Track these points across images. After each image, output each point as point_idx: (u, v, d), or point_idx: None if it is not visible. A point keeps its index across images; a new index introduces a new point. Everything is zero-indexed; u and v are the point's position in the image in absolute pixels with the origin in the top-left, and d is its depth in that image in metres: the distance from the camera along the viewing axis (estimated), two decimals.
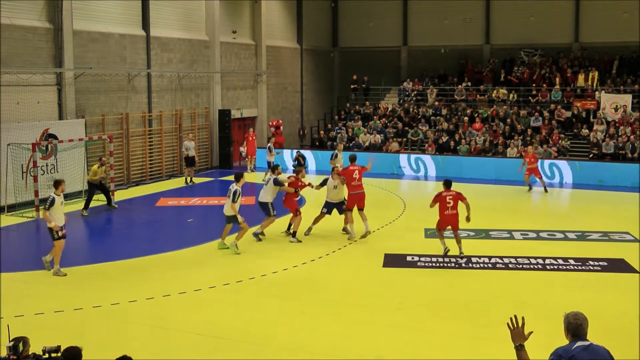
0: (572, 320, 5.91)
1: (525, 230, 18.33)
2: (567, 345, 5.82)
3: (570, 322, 5.91)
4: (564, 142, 29.32)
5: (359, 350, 10.19)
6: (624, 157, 27.61)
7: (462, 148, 29.85)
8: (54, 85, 23.04)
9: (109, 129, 24.92)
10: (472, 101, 34.16)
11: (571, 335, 5.90)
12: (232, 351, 10.20)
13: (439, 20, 37.85)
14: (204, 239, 17.36)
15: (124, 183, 25.53)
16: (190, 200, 23.14)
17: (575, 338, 5.86)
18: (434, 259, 15.44)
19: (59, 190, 14.31)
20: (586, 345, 5.79)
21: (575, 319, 5.91)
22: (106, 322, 11.43)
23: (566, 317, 5.97)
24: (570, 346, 5.79)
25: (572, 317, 5.93)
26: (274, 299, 12.63)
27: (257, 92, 34.16)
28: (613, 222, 19.59)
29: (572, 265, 14.92)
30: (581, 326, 5.88)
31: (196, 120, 29.77)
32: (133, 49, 26.31)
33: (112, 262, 15.26)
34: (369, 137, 31.93)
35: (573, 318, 5.92)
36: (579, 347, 5.76)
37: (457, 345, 10.50)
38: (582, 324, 5.89)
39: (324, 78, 40.56)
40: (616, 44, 34.26)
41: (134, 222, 20.60)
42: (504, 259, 15.38)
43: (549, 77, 33.92)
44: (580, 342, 5.81)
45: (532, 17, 35.80)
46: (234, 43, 32.16)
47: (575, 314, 5.97)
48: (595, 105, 31.16)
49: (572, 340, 5.86)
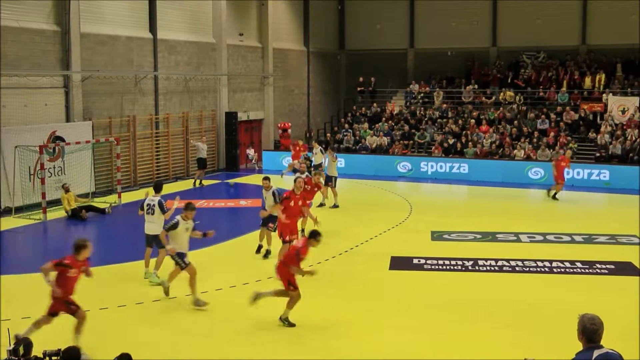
0: (588, 325, 5.71)
1: (532, 233, 18.28)
2: (584, 355, 5.63)
3: (586, 327, 5.71)
4: (572, 144, 29.23)
5: (366, 354, 10.17)
6: (631, 160, 27.52)
7: (468, 151, 29.81)
8: (62, 87, 23.12)
9: (116, 132, 24.99)
10: (479, 104, 34.11)
11: (586, 340, 5.71)
12: (238, 352, 10.21)
13: (446, 23, 37.78)
14: (210, 241, 17.30)
15: (130, 185, 25.58)
16: (196, 203, 23.07)
17: (590, 344, 5.68)
18: (440, 262, 15.41)
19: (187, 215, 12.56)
20: (604, 354, 5.60)
21: (591, 324, 5.71)
22: (114, 323, 11.44)
23: (581, 320, 5.77)
24: (587, 356, 5.60)
25: (589, 322, 5.72)
26: (281, 302, 12.62)
27: (263, 95, 34.19)
28: (620, 225, 19.52)
29: (579, 268, 14.88)
30: (597, 332, 5.68)
31: (203, 123, 29.81)
32: (140, 51, 26.38)
33: (117, 265, 15.30)
34: (375, 139, 31.92)
35: (589, 322, 5.72)
36: (598, 358, 5.58)
37: (463, 347, 10.47)
38: (598, 330, 5.69)
39: (331, 80, 40.56)
40: (623, 46, 34.11)
41: (137, 224, 20.57)
42: (510, 262, 15.34)
43: (556, 79, 33.84)
44: (597, 350, 5.62)
45: (539, 19, 35.72)
46: (240, 45, 32.20)
47: (592, 317, 5.76)
48: (602, 108, 31.08)
49: (589, 348, 5.66)
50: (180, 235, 12.34)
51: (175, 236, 12.33)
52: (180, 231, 12.34)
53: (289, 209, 14.53)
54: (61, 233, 19.48)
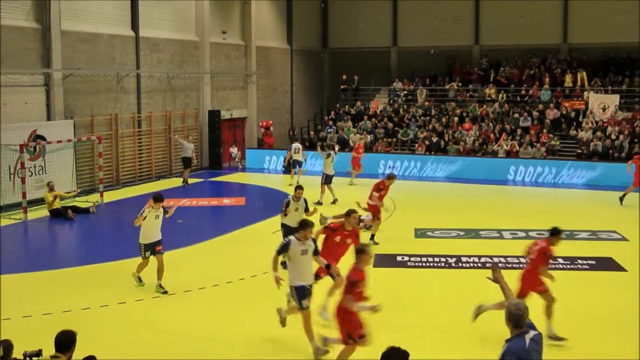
0: (514, 311, 5.96)
1: (515, 230, 18.38)
2: (518, 341, 5.88)
3: (512, 313, 5.97)
4: (554, 141, 29.44)
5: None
6: (612, 157, 27.77)
7: (451, 148, 29.93)
8: (42, 86, 22.93)
9: (98, 130, 24.82)
10: (462, 101, 34.23)
11: (513, 326, 5.96)
12: (217, 352, 10.18)
13: (429, 21, 37.90)
14: (193, 240, 17.28)
15: (113, 184, 25.44)
16: (180, 202, 23.05)
17: (518, 329, 5.93)
18: (424, 259, 15.46)
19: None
20: (532, 337, 5.91)
21: (517, 309, 5.96)
22: (95, 324, 11.37)
23: (508, 308, 6.03)
24: (522, 343, 5.86)
25: (514, 308, 5.99)
26: (263, 300, 12.61)
27: (247, 93, 34.12)
28: (601, 221, 19.69)
29: (560, 264, 14.96)
30: (522, 317, 5.94)
31: (186, 121, 29.70)
32: (122, 49, 26.23)
33: (100, 264, 15.20)
34: (359, 137, 31.95)
35: (515, 308, 5.98)
36: (531, 343, 5.87)
37: (447, 344, 10.51)
38: (523, 315, 5.95)
39: (314, 78, 40.55)
40: (604, 45, 34.42)
41: (122, 224, 20.50)
42: (493, 258, 15.41)
43: (538, 77, 34.05)
44: (527, 335, 5.89)
45: (521, 18, 35.90)
46: (223, 44, 32.11)
47: (517, 303, 6.05)
48: (584, 106, 31.33)
49: (519, 334, 5.91)
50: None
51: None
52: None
53: (330, 244, 11.70)
54: (45, 232, 19.36)
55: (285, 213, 14.15)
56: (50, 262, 15.73)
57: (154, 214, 12.89)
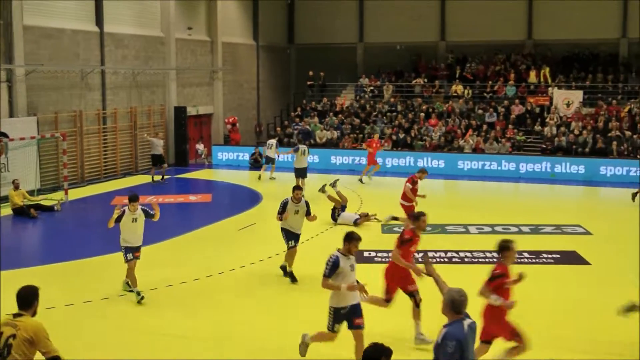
0: (457, 297, 6.11)
1: (481, 225, 18.57)
2: (457, 326, 6.01)
3: (455, 299, 6.11)
4: (519, 136, 29.80)
5: (321, 349, 10.15)
6: (575, 152, 28.18)
7: (417, 144, 30.11)
8: (4, 82, 22.53)
9: (62, 127, 24.48)
10: (428, 97, 34.43)
11: (454, 312, 6.09)
12: (195, 351, 10.13)
13: (395, 17, 38.05)
14: (158, 237, 17.14)
15: (78, 182, 25.13)
16: (146, 199, 22.84)
17: (458, 315, 6.08)
18: (390, 255, 15.47)
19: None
20: (470, 323, 6.10)
21: (460, 296, 6.13)
22: (60, 324, 11.24)
23: (449, 294, 6.17)
24: (460, 328, 6.00)
25: (457, 294, 6.14)
26: (231, 297, 12.58)
27: (213, 89, 33.94)
28: (565, 215, 19.98)
29: (526, 258, 15.15)
30: (464, 303, 6.12)
31: (152, 118, 29.45)
32: (86, 45, 25.90)
33: (65, 263, 15.03)
34: (325, 133, 31.99)
35: (458, 295, 6.14)
36: (468, 330, 6.05)
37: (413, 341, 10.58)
38: (464, 301, 6.13)
39: (281, 74, 40.47)
40: (568, 41, 34.96)
41: (88, 222, 20.28)
42: (459, 253, 15.56)
43: (503, 73, 34.40)
44: (464, 321, 6.06)
45: (486, 14, 36.20)
46: (189, 40, 31.89)
47: (459, 290, 6.20)
48: (548, 102, 31.74)
49: (458, 320, 6.05)
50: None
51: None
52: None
53: (409, 255, 11.08)
54: (8, 231, 19.04)
55: (281, 218, 13.24)
56: (14, 261, 15.47)
57: (130, 217, 12.16)
